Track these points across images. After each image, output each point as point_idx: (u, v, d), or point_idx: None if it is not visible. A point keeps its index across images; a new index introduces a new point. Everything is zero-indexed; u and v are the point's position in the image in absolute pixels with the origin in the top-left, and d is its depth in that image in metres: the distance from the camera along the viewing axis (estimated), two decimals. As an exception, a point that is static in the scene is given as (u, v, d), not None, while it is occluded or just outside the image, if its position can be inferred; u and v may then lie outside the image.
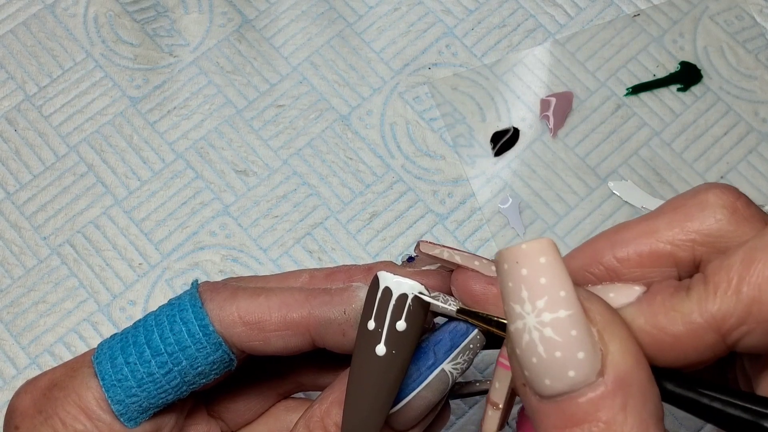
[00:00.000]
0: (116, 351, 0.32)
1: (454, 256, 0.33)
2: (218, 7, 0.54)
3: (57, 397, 0.32)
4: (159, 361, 0.32)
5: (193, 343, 0.32)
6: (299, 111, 0.52)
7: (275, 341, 0.33)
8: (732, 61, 0.52)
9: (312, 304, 0.32)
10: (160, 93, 0.52)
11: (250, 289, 0.33)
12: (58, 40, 0.54)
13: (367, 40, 0.54)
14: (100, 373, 0.32)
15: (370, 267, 0.35)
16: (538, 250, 0.24)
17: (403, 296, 0.29)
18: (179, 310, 0.32)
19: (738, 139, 0.51)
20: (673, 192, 0.50)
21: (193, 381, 0.33)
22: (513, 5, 0.54)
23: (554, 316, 0.23)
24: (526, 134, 0.51)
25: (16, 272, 0.49)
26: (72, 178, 0.51)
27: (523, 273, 0.24)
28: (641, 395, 0.23)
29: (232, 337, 0.32)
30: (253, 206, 0.50)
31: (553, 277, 0.23)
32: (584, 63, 0.53)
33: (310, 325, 0.32)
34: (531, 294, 0.23)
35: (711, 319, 0.24)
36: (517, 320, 0.24)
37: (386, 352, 0.29)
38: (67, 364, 0.34)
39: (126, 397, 0.32)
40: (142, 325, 0.33)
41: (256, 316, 0.32)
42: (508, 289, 0.24)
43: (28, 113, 0.52)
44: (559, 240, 0.49)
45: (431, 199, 0.50)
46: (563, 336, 0.23)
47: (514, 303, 0.24)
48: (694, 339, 0.24)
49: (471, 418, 0.47)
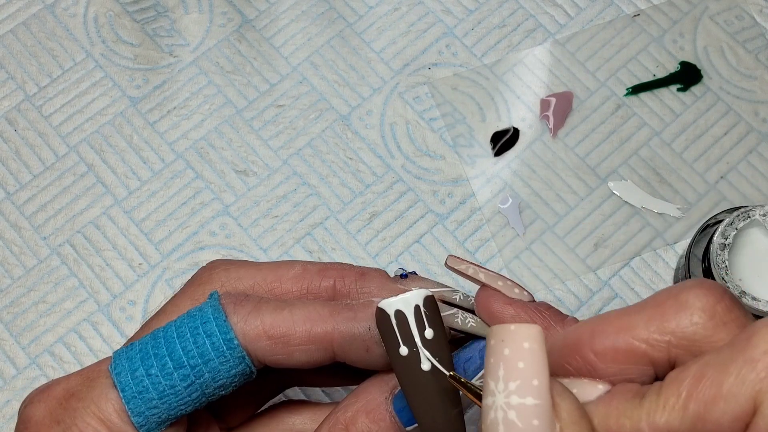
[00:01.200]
0: (136, 362, 0.32)
1: (479, 273, 0.34)
2: (218, 7, 0.54)
3: (75, 408, 0.32)
4: (181, 374, 0.31)
5: (216, 357, 0.32)
6: (299, 111, 0.52)
7: (298, 355, 0.33)
8: (732, 61, 0.52)
9: (336, 319, 0.32)
10: (160, 93, 0.52)
11: (273, 303, 0.33)
12: (58, 40, 0.54)
13: (367, 40, 0.54)
14: (119, 385, 0.32)
15: (363, 272, 0.35)
16: (524, 334, 0.24)
17: (417, 307, 0.30)
18: (202, 322, 0.32)
19: (738, 139, 0.51)
20: (673, 192, 0.50)
21: (213, 393, 0.32)
22: (513, 5, 0.54)
23: (521, 401, 0.24)
24: (526, 134, 0.51)
25: (16, 272, 0.49)
26: (72, 178, 0.51)
27: (505, 352, 0.24)
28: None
29: (256, 351, 0.32)
30: (253, 206, 0.50)
31: (531, 365, 0.24)
32: (584, 63, 0.53)
33: (334, 340, 0.32)
34: (506, 374, 0.24)
35: (657, 431, 0.24)
36: (489, 396, 0.24)
37: (431, 365, 0.30)
38: (81, 373, 0.33)
39: (146, 409, 0.31)
40: (163, 336, 0.32)
41: (281, 330, 0.32)
42: (489, 363, 0.24)
43: (28, 113, 0.52)
44: (559, 240, 0.49)
45: (431, 199, 0.50)
46: (524, 423, 0.23)
47: (490, 378, 0.24)
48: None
49: (471, 417, 0.47)
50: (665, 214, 0.49)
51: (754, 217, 0.41)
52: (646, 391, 0.25)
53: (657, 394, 0.24)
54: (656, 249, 0.49)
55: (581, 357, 0.27)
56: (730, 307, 0.25)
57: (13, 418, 0.46)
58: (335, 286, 0.35)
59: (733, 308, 0.26)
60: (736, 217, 0.42)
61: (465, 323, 0.33)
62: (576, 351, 0.27)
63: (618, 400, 0.25)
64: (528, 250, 0.49)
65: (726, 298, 0.26)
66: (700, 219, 0.49)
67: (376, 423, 0.32)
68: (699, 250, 0.44)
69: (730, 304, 0.26)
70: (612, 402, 0.25)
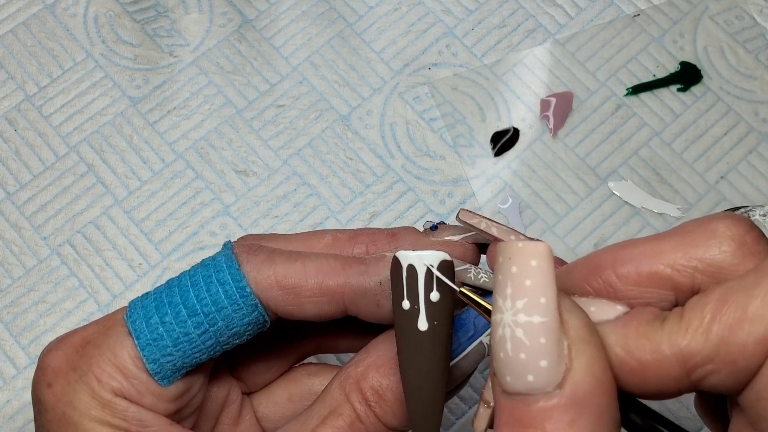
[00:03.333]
0: (151, 310, 0.32)
1: (491, 227, 0.34)
2: (218, 7, 0.54)
3: (91, 355, 0.32)
4: (195, 321, 0.32)
5: (229, 304, 0.32)
6: (299, 111, 0.52)
7: (309, 307, 0.33)
8: (732, 61, 0.52)
9: (348, 273, 0.32)
10: (160, 93, 0.52)
11: (286, 253, 0.33)
12: (58, 40, 0.54)
13: (367, 40, 0.54)
14: (134, 332, 0.32)
15: (394, 232, 0.35)
16: (532, 252, 0.24)
17: (429, 268, 0.30)
18: (215, 270, 0.32)
19: (738, 139, 0.51)
20: (673, 192, 0.50)
21: (227, 341, 0.33)
22: (513, 5, 0.54)
23: (528, 319, 0.24)
24: (526, 134, 0.51)
25: (16, 272, 0.49)
26: (72, 178, 0.51)
27: (513, 270, 0.24)
28: (594, 417, 0.23)
29: (268, 300, 0.32)
30: (253, 206, 0.50)
31: (538, 282, 0.24)
32: (584, 63, 0.53)
33: (345, 294, 0.32)
34: (514, 292, 0.24)
35: (678, 353, 0.24)
36: (497, 313, 0.24)
37: (429, 325, 0.29)
38: (99, 321, 0.34)
39: (161, 356, 0.32)
40: (177, 285, 0.33)
41: (293, 281, 0.32)
42: (498, 281, 0.24)
43: (28, 113, 0.52)
44: (559, 240, 0.49)
45: (431, 199, 0.50)
46: (531, 341, 0.23)
47: (498, 296, 0.24)
48: (659, 369, 0.24)
49: (471, 417, 0.47)
50: (665, 214, 0.49)
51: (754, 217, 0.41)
52: (667, 315, 0.25)
53: (679, 317, 0.24)
54: (656, 249, 0.49)
55: (602, 278, 0.27)
56: (758, 238, 0.26)
57: (13, 418, 0.46)
58: (368, 251, 0.35)
59: (761, 240, 0.26)
60: (736, 217, 0.42)
61: (477, 278, 0.33)
62: (598, 271, 0.27)
63: (638, 320, 0.25)
64: (528, 250, 0.49)
65: (755, 229, 0.26)
66: (700, 219, 0.49)
67: (386, 377, 0.32)
68: (699, 250, 0.44)
69: (758, 235, 0.26)
70: (631, 322, 0.25)
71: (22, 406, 0.46)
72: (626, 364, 0.25)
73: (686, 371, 0.24)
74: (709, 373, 0.24)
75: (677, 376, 0.24)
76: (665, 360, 0.24)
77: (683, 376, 0.24)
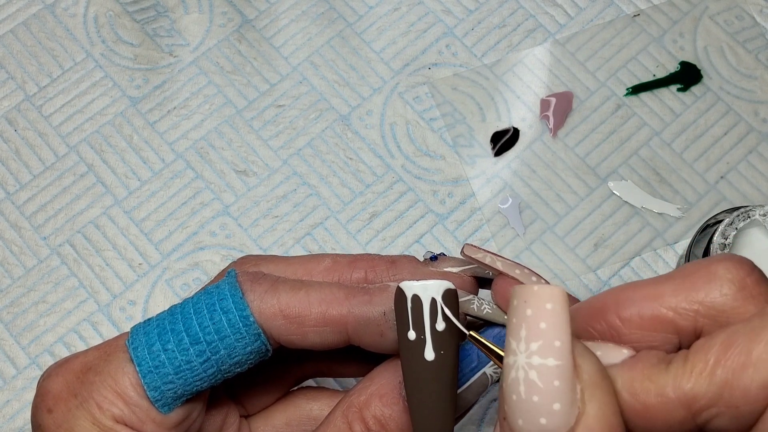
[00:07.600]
0: (153, 337, 0.32)
1: (496, 262, 0.34)
2: (218, 7, 0.54)
3: (92, 381, 0.32)
4: (197, 350, 0.32)
5: (232, 333, 0.32)
6: (299, 111, 0.52)
7: (312, 336, 0.33)
8: (732, 61, 0.52)
9: (352, 303, 0.32)
10: (160, 93, 0.52)
11: (290, 282, 0.33)
12: (58, 40, 0.54)
13: (367, 40, 0.54)
14: (136, 359, 0.32)
15: (393, 259, 0.35)
16: (547, 295, 0.24)
17: (434, 299, 0.30)
18: (219, 299, 0.32)
19: (738, 139, 0.51)
20: (673, 192, 0.50)
21: (228, 369, 0.33)
22: (513, 5, 0.54)
23: (542, 362, 0.24)
24: (526, 134, 0.51)
25: (16, 272, 0.49)
26: (72, 178, 0.51)
27: (528, 313, 0.24)
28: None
29: (271, 330, 0.32)
30: (253, 206, 0.50)
31: (554, 325, 0.24)
32: (584, 63, 0.53)
33: (349, 324, 0.32)
34: (528, 334, 0.24)
35: (683, 396, 0.24)
36: (510, 356, 0.24)
37: (435, 355, 0.30)
38: (99, 347, 0.33)
39: (162, 383, 0.32)
40: (180, 312, 0.33)
41: (297, 310, 0.32)
42: (512, 324, 0.24)
43: (28, 113, 0.52)
44: (559, 240, 0.49)
45: (431, 199, 0.50)
46: (545, 383, 0.23)
47: (512, 338, 0.24)
48: (664, 412, 0.24)
49: (471, 417, 0.47)
50: (665, 214, 0.49)
51: (754, 217, 0.41)
52: (672, 358, 0.25)
53: (684, 361, 0.24)
54: (656, 249, 0.49)
55: (606, 321, 0.27)
56: (759, 281, 0.26)
57: (13, 418, 0.46)
58: (366, 277, 0.35)
59: (762, 282, 0.26)
60: (736, 217, 0.42)
61: (481, 310, 0.33)
62: (601, 315, 0.27)
63: (643, 364, 0.25)
64: (528, 250, 0.49)
65: (755, 272, 0.26)
66: (700, 219, 0.49)
67: (389, 407, 0.32)
68: (699, 250, 0.44)
69: (759, 278, 0.26)
70: (637, 366, 0.25)
71: (22, 406, 0.46)
72: (632, 407, 0.25)
73: (691, 414, 0.24)
74: (714, 417, 0.24)
75: (682, 419, 0.24)
76: (670, 403, 0.24)
77: (688, 419, 0.24)
